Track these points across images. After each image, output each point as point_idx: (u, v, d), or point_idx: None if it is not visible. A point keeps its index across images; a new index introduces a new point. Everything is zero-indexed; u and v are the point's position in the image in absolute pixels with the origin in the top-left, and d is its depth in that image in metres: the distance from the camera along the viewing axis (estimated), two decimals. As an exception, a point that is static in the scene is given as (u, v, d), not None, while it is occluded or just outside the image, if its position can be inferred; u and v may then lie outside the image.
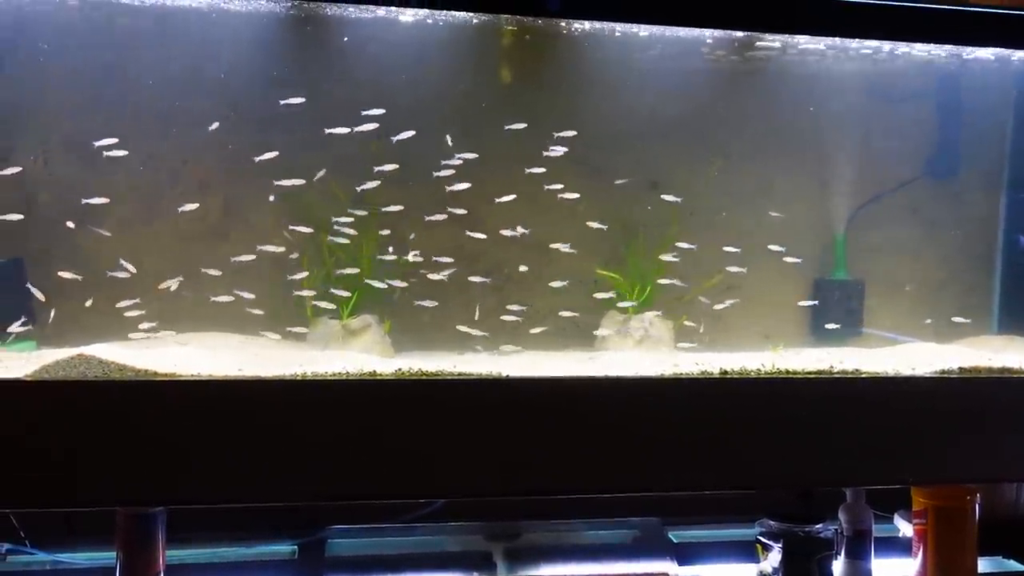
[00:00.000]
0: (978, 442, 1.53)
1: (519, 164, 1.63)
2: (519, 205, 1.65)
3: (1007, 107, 1.86)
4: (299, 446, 1.33)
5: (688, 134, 1.70)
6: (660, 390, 1.45)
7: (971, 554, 1.64)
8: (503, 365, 1.48)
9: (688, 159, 1.69)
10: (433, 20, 1.50)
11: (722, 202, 1.70)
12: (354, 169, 1.59)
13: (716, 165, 1.65)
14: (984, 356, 1.61)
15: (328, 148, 1.58)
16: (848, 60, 1.72)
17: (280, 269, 1.60)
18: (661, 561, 1.70)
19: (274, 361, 1.43)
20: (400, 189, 1.61)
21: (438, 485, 1.41)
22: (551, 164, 1.64)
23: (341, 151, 1.58)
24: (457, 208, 1.63)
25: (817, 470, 1.50)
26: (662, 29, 1.55)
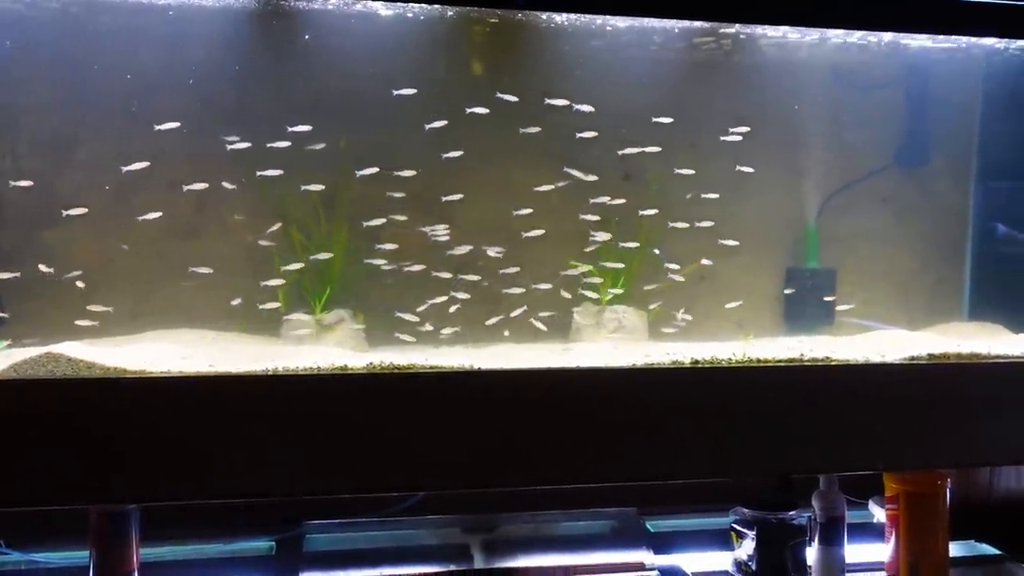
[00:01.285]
0: (947, 427, 1.54)
1: (494, 154, 1.64)
2: (494, 198, 1.66)
3: (976, 96, 1.88)
4: (272, 442, 1.33)
5: (661, 125, 1.70)
6: (633, 381, 1.46)
7: (943, 538, 1.66)
8: (476, 357, 1.48)
9: (661, 150, 1.69)
10: (403, 14, 1.50)
11: (694, 193, 1.71)
12: (326, 165, 1.58)
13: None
14: (953, 342, 1.62)
15: (298, 143, 1.59)
16: (818, 49, 1.73)
17: (253, 264, 1.60)
18: (637, 551, 1.71)
19: (246, 357, 1.43)
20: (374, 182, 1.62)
21: (413, 479, 1.41)
22: (527, 158, 1.64)
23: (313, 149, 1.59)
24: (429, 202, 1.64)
25: (789, 457, 1.51)
26: (637, 20, 1.56)
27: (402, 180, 1.61)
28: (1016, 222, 1.84)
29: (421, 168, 1.61)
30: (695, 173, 1.70)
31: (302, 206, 1.60)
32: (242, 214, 1.61)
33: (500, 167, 1.65)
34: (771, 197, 1.75)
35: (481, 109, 1.58)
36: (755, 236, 1.74)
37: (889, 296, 1.81)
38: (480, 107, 1.58)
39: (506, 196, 1.68)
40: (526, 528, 1.78)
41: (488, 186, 1.66)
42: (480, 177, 1.66)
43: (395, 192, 1.62)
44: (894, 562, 1.68)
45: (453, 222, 1.67)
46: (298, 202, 1.59)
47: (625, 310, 1.70)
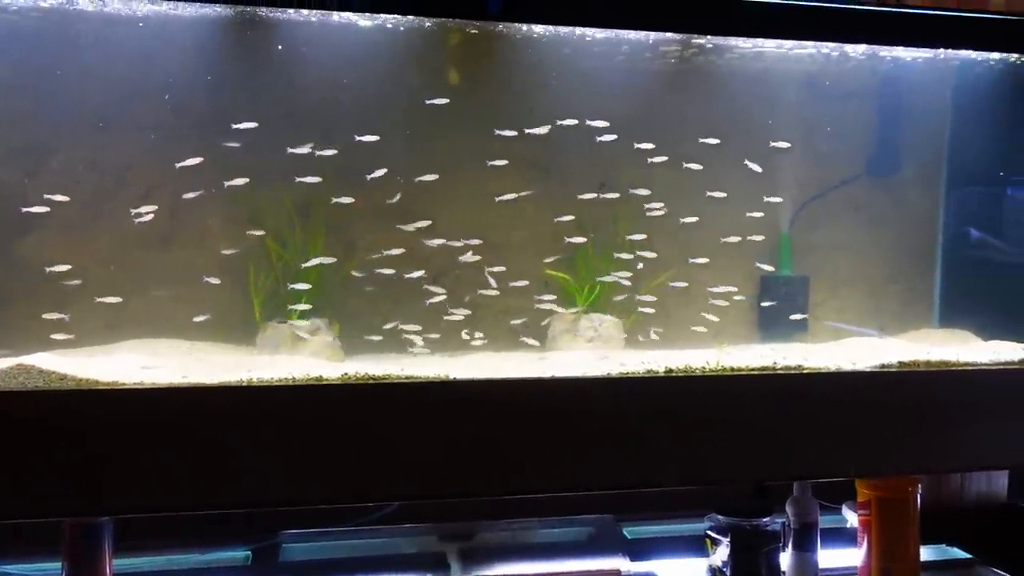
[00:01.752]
0: (918, 434, 1.56)
1: (470, 165, 1.64)
2: (470, 206, 1.67)
3: (945, 106, 1.91)
4: (247, 452, 1.33)
5: (635, 134, 1.72)
6: (609, 389, 1.47)
7: (914, 543, 1.68)
8: (452, 367, 1.48)
9: (635, 159, 1.71)
10: (378, 23, 1.50)
11: (668, 201, 1.72)
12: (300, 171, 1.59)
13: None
14: (923, 350, 1.65)
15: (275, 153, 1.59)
16: (790, 60, 1.75)
17: (228, 273, 1.60)
18: (614, 558, 1.72)
19: (221, 367, 1.43)
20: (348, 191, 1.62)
21: (390, 488, 1.42)
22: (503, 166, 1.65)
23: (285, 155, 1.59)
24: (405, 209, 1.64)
25: (763, 465, 1.52)
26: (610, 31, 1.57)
27: (380, 188, 1.61)
28: (984, 230, 1.87)
29: (398, 177, 1.62)
30: (671, 181, 1.71)
31: (277, 214, 1.59)
32: (217, 222, 1.61)
33: (476, 176, 1.66)
34: (745, 206, 1.76)
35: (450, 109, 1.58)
36: (728, 244, 1.76)
37: (861, 303, 1.83)
38: (455, 112, 1.59)
39: (483, 205, 1.68)
40: (503, 536, 1.78)
41: (465, 195, 1.66)
42: (456, 186, 1.66)
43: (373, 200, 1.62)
44: (866, 567, 1.70)
45: (430, 230, 1.68)
46: (273, 211, 1.59)
47: (601, 318, 1.71)
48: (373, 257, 1.63)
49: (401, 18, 1.48)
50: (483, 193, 1.67)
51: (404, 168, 1.63)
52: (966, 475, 1.99)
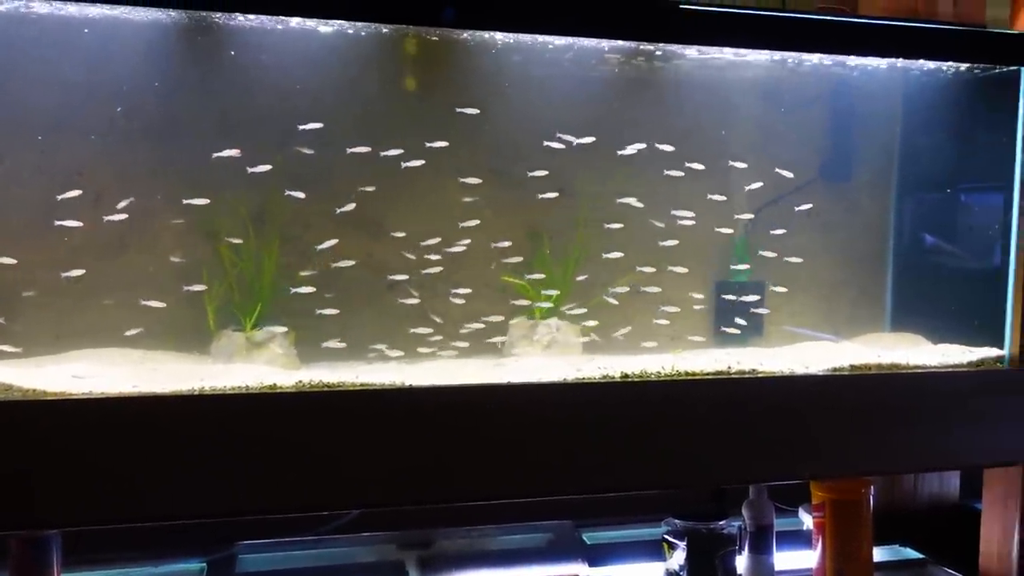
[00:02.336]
0: (869, 436, 1.59)
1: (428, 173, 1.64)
2: (427, 213, 1.67)
3: (896, 113, 1.95)
4: (201, 462, 1.32)
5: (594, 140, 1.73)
6: (565, 395, 1.48)
7: (867, 543, 1.71)
8: (408, 374, 1.48)
9: (593, 165, 1.72)
10: (333, 29, 1.49)
11: (626, 207, 1.73)
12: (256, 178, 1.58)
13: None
14: (875, 353, 1.67)
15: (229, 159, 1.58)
16: (746, 67, 1.77)
17: (181, 281, 1.58)
18: (572, 563, 1.72)
19: (174, 376, 1.41)
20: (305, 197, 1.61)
21: (347, 497, 1.41)
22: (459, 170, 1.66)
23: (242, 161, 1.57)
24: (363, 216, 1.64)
25: (718, 468, 1.54)
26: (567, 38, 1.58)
27: (335, 196, 1.60)
28: (934, 235, 1.91)
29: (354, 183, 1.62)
30: (626, 187, 1.73)
31: (231, 222, 1.58)
32: (170, 230, 1.59)
33: (432, 182, 1.65)
34: (701, 211, 1.78)
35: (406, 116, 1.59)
36: (685, 250, 1.77)
37: (815, 308, 1.86)
38: (409, 120, 1.59)
39: (439, 211, 1.68)
40: (462, 543, 1.78)
41: (421, 201, 1.66)
42: (413, 192, 1.66)
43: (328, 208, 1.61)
44: (821, 568, 1.72)
45: (386, 237, 1.67)
46: (228, 218, 1.58)
47: (558, 324, 1.72)
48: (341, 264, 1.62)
49: (357, 24, 1.47)
50: (441, 200, 1.67)
51: (360, 175, 1.62)
52: (919, 476, 2.03)
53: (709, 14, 1.49)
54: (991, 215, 1.76)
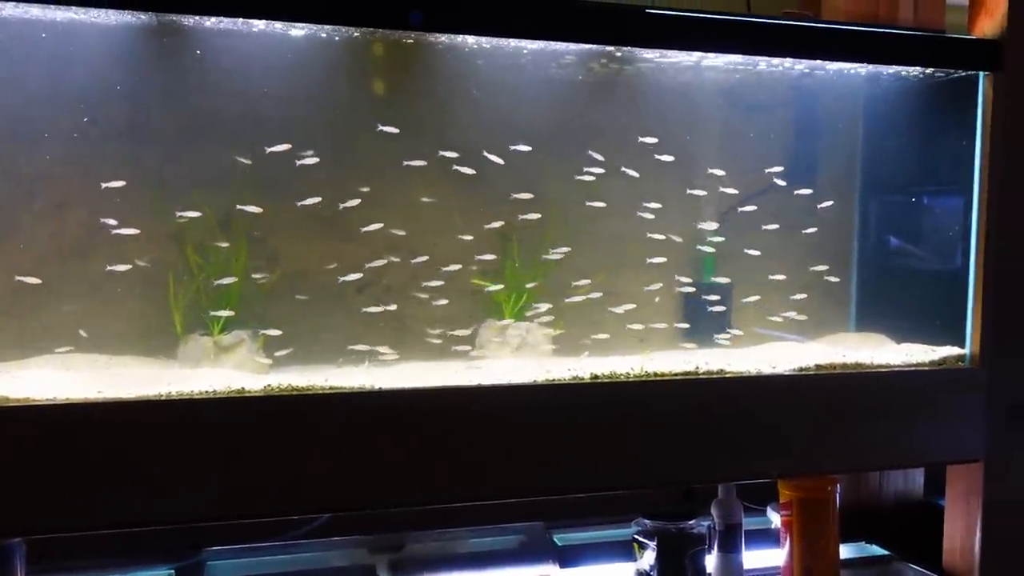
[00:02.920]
0: (835, 435, 1.62)
1: (393, 173, 1.64)
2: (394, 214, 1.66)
3: (858, 117, 1.98)
4: (167, 467, 1.31)
5: (559, 143, 1.74)
6: (535, 396, 1.48)
7: (833, 541, 1.73)
8: (378, 377, 1.48)
9: (560, 167, 1.73)
10: (297, 32, 1.49)
11: (594, 210, 1.74)
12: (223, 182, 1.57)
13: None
14: (839, 353, 1.70)
15: (195, 162, 1.57)
16: (711, 71, 1.79)
17: (148, 285, 1.57)
18: (543, 565, 1.73)
19: (140, 381, 1.39)
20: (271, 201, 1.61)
21: (316, 501, 1.41)
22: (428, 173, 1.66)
23: (208, 165, 1.57)
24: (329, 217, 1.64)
25: (687, 468, 1.56)
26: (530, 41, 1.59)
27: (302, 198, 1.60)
28: (897, 237, 1.94)
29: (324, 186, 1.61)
30: (594, 191, 1.74)
31: (199, 226, 1.57)
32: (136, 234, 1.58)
33: (401, 186, 1.66)
34: (668, 214, 1.80)
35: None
36: (654, 253, 1.79)
37: (782, 309, 1.88)
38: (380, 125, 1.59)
39: (408, 214, 1.68)
40: (433, 546, 1.78)
41: (389, 205, 1.66)
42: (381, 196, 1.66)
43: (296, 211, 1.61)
44: (789, 566, 1.74)
45: (355, 240, 1.67)
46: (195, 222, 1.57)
47: (529, 326, 1.72)
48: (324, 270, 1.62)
49: (324, 28, 1.47)
50: (410, 203, 1.67)
51: (329, 179, 1.62)
52: (885, 474, 2.06)
53: (674, 18, 1.50)
54: (953, 217, 1.79)
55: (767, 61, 1.72)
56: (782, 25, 1.64)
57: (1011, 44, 1.66)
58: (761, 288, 1.86)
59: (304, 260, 1.63)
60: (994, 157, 1.68)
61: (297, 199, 1.58)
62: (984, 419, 1.68)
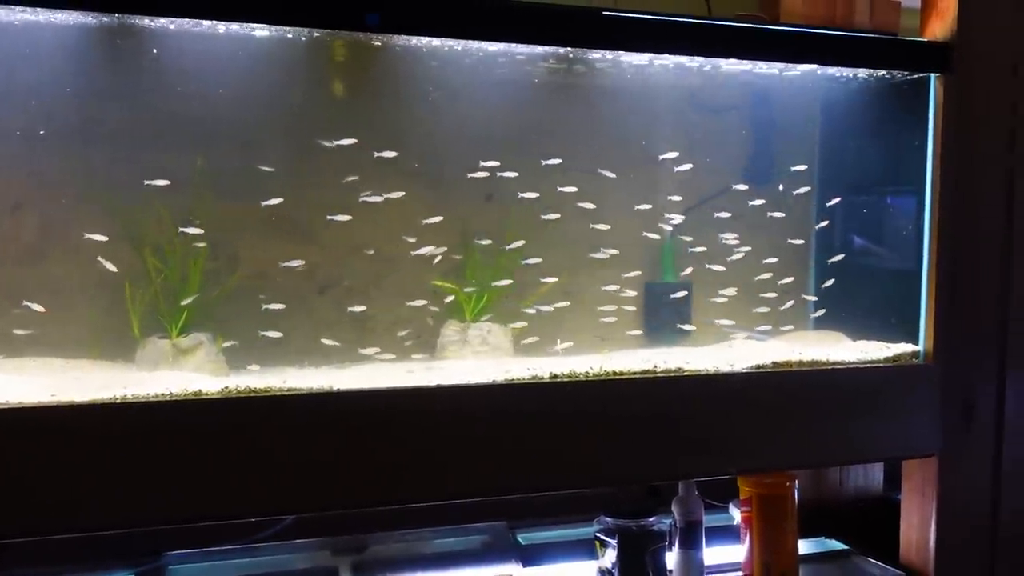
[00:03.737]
0: (792, 431, 1.64)
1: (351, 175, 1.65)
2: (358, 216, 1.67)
3: (815, 118, 2.00)
4: (124, 471, 1.30)
5: (519, 143, 1.75)
6: (496, 396, 1.49)
7: (792, 536, 1.76)
8: (337, 379, 1.48)
9: (519, 167, 1.73)
10: (253, 33, 1.48)
11: (553, 210, 1.75)
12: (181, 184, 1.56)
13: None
14: (796, 350, 1.72)
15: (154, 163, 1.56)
16: (671, 73, 1.81)
17: (104, 288, 1.56)
18: (506, 564, 1.73)
19: (96, 385, 1.38)
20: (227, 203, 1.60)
21: (276, 503, 1.40)
22: (388, 175, 1.66)
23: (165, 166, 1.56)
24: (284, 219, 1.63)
25: (647, 466, 1.57)
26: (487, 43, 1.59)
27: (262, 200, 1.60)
28: (854, 236, 1.97)
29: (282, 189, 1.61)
30: (554, 192, 1.75)
31: (157, 228, 1.56)
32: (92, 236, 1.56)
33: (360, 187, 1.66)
34: (628, 214, 1.81)
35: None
36: (616, 252, 1.80)
37: (740, 308, 1.90)
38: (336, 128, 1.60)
39: (370, 216, 1.68)
40: (396, 547, 1.78)
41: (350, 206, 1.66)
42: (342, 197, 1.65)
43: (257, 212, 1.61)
44: (749, 561, 1.76)
45: (315, 242, 1.67)
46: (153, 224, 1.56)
47: (490, 327, 1.73)
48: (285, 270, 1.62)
49: (281, 29, 1.47)
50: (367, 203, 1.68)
51: (289, 179, 1.62)
52: (845, 471, 2.09)
53: (631, 20, 1.52)
54: (907, 217, 1.82)
55: (725, 64, 1.74)
56: (738, 28, 1.65)
57: (960, 46, 1.70)
58: (719, 287, 1.88)
59: (263, 261, 1.63)
60: (945, 157, 1.71)
61: (257, 200, 1.58)
62: (938, 414, 1.71)
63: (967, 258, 1.73)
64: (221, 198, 1.60)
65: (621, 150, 1.83)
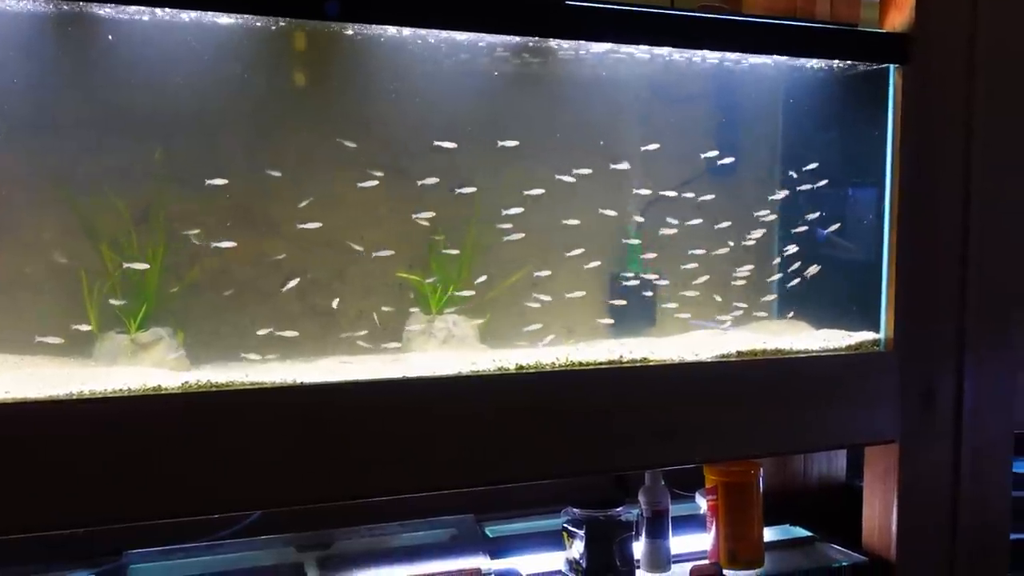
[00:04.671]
0: (756, 420, 1.65)
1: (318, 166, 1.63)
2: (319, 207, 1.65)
3: (777, 109, 2.02)
4: (81, 468, 1.27)
5: (487, 135, 1.74)
6: (461, 388, 1.48)
7: (757, 523, 1.77)
8: (301, 372, 1.46)
9: (486, 160, 1.73)
10: (214, 21, 1.46)
11: (520, 201, 1.75)
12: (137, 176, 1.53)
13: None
14: (760, 339, 1.74)
15: (108, 156, 1.53)
16: (636, 64, 1.81)
17: (61, 282, 1.52)
18: (474, 557, 1.73)
19: (52, 381, 1.35)
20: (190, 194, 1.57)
21: (238, 499, 1.38)
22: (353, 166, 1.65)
23: (121, 159, 1.53)
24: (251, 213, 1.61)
25: (613, 456, 1.57)
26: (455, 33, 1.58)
27: (223, 192, 1.57)
28: (816, 227, 1.99)
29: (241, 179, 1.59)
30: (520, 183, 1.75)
31: (114, 221, 1.53)
32: (48, 230, 1.53)
33: (324, 177, 1.64)
34: (594, 206, 1.81)
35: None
36: (580, 244, 1.80)
37: (706, 298, 1.91)
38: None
39: (332, 206, 1.66)
40: (363, 542, 1.76)
41: (313, 196, 1.64)
42: (304, 187, 1.64)
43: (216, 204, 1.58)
44: (715, 548, 1.78)
45: (278, 233, 1.65)
46: (110, 217, 1.53)
47: (456, 319, 1.72)
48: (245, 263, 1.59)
49: (240, 17, 1.45)
50: (334, 194, 1.66)
51: (250, 171, 1.60)
52: (808, 459, 2.11)
53: (593, 10, 1.51)
54: (868, 207, 1.85)
55: (687, 55, 1.74)
56: (700, 18, 1.66)
57: (919, 38, 1.72)
58: (684, 277, 1.89)
59: (225, 254, 1.60)
60: (904, 148, 1.73)
61: (217, 193, 1.56)
62: (898, 401, 1.74)
63: (926, 247, 1.75)
64: (181, 189, 1.57)
65: (585, 141, 1.83)
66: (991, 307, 1.79)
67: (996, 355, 1.80)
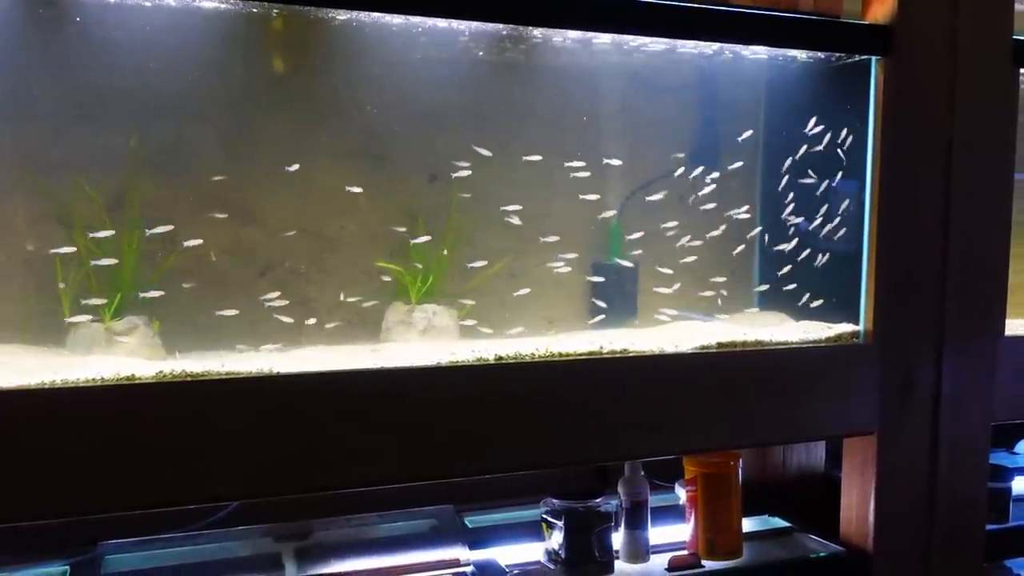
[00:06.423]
0: (735, 411, 1.65)
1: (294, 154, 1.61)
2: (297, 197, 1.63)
3: (759, 101, 2.02)
4: (53, 458, 1.25)
5: (466, 125, 1.73)
6: (440, 378, 1.47)
7: (736, 514, 1.78)
8: (278, 362, 1.45)
9: (467, 149, 1.71)
10: (191, 5, 1.44)
11: (502, 192, 1.74)
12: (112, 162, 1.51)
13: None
14: (740, 331, 1.74)
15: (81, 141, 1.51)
16: (618, 54, 1.80)
17: (33, 270, 1.50)
18: (453, 548, 1.72)
19: (24, 371, 1.33)
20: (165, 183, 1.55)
21: (213, 490, 1.37)
22: (332, 154, 1.63)
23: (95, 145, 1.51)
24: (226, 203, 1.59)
25: (592, 447, 1.57)
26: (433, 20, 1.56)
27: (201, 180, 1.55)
28: (797, 218, 1.99)
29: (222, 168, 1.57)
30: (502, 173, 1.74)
31: (88, 208, 1.51)
32: (19, 217, 1.51)
33: (305, 166, 1.62)
34: (576, 196, 1.81)
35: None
36: (561, 234, 1.79)
37: (687, 289, 1.91)
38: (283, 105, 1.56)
39: (312, 195, 1.65)
40: (342, 533, 1.75)
41: (293, 186, 1.62)
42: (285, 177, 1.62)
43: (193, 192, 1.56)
44: (694, 539, 1.78)
45: (258, 222, 1.63)
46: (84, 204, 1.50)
47: (435, 309, 1.71)
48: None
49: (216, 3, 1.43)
50: (312, 183, 1.64)
51: (226, 158, 1.58)
52: (788, 450, 2.12)
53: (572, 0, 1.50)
54: (849, 198, 1.85)
55: (671, 45, 1.73)
56: (683, 8, 1.65)
57: (900, 30, 1.72)
58: (665, 268, 1.88)
59: (204, 241, 1.58)
60: (884, 140, 1.73)
61: (194, 178, 1.54)
62: (877, 393, 1.74)
63: (906, 239, 1.75)
64: (157, 176, 1.55)
65: (568, 131, 1.82)
66: (971, 299, 1.79)
67: (975, 347, 1.81)
